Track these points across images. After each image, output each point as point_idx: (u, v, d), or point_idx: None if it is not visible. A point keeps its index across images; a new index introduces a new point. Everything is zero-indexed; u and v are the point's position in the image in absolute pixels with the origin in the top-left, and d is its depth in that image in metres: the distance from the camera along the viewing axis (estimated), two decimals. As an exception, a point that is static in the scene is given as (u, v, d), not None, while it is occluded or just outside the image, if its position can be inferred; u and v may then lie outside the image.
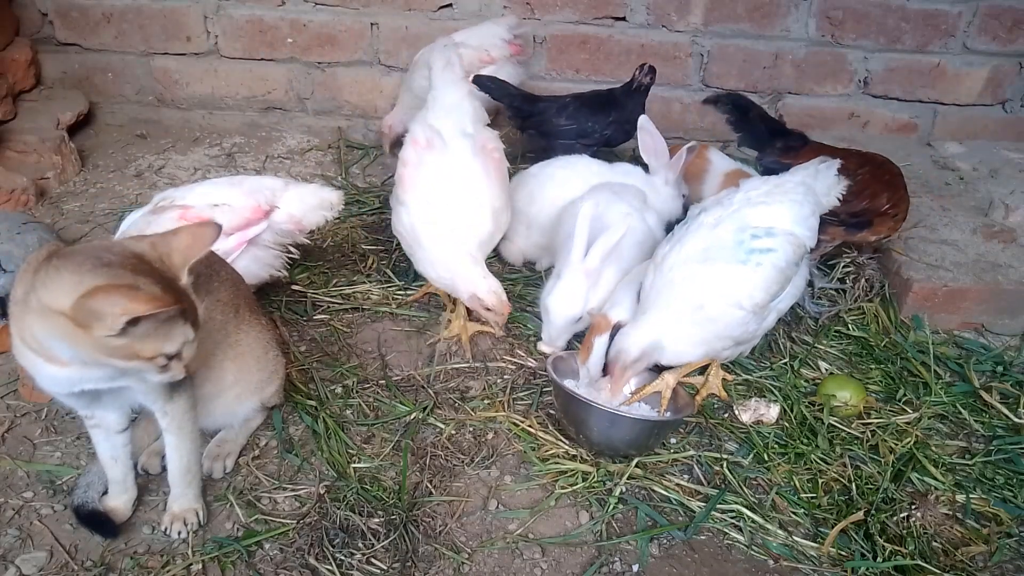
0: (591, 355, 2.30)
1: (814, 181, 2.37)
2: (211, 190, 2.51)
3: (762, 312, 2.25)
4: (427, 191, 2.47)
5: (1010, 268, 2.87)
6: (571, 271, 2.47)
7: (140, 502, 2.06)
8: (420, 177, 2.50)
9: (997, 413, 2.48)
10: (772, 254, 2.18)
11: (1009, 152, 3.70)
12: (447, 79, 2.65)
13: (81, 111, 3.78)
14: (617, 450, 2.26)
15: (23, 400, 2.36)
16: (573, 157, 3.05)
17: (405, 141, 2.62)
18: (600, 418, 2.21)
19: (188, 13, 3.82)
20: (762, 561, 2.02)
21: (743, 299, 2.17)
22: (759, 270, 2.17)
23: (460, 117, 2.59)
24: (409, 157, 2.55)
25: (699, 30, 3.76)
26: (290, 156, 3.84)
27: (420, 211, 2.47)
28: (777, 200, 2.26)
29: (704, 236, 2.22)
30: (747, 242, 2.18)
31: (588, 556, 2.01)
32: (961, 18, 3.69)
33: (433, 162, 2.50)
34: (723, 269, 2.17)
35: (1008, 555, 2.05)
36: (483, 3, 3.75)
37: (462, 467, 2.24)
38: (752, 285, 2.18)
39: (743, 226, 2.20)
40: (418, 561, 1.96)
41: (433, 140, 2.53)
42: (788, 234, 2.21)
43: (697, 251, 2.20)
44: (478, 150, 2.54)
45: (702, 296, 2.17)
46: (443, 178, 2.48)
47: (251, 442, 2.27)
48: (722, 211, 2.26)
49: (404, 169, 2.54)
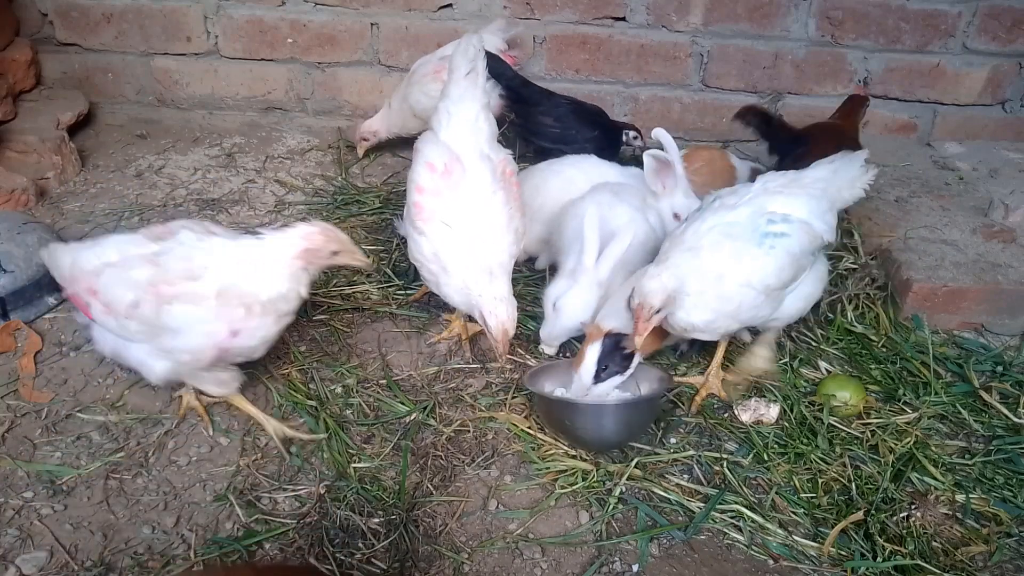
0: (584, 363, 2.30)
1: (833, 177, 2.37)
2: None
3: (774, 296, 2.26)
4: (448, 220, 2.35)
5: (1010, 268, 2.87)
6: (587, 277, 2.48)
7: (139, 502, 2.07)
8: (440, 206, 2.37)
9: (997, 413, 2.48)
10: (786, 239, 2.20)
11: (1009, 152, 3.70)
12: (467, 89, 2.46)
13: (81, 111, 3.78)
14: (607, 441, 2.27)
15: (23, 400, 2.36)
16: (582, 156, 3.06)
17: (417, 161, 2.46)
18: (584, 413, 2.23)
19: (188, 13, 3.82)
20: (762, 561, 2.02)
21: (754, 279, 2.19)
22: (772, 253, 2.19)
23: (478, 137, 2.44)
24: (425, 183, 2.40)
25: (699, 30, 3.76)
26: (290, 156, 3.84)
27: (442, 240, 2.35)
28: (795, 193, 2.28)
29: (724, 215, 2.25)
30: (763, 226, 2.20)
31: (588, 556, 2.01)
32: (961, 18, 3.69)
33: (452, 191, 2.37)
34: (742, 248, 2.19)
35: (1008, 555, 2.05)
36: (483, 3, 3.75)
37: (462, 467, 2.24)
38: (763, 267, 2.19)
39: (760, 211, 2.23)
40: (418, 561, 1.96)
41: (452, 166, 2.38)
42: (803, 223, 2.24)
43: (722, 223, 2.23)
44: (498, 176, 2.42)
45: (723, 267, 2.19)
46: (464, 207, 2.35)
47: (251, 442, 2.27)
48: (737, 199, 2.28)
49: (420, 196, 2.39)
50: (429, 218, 2.36)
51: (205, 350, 2.09)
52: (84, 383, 2.45)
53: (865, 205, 2.47)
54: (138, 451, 2.22)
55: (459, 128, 2.43)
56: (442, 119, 2.47)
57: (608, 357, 2.26)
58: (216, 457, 2.23)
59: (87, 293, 2.11)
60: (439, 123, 2.48)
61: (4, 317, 2.61)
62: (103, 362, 2.52)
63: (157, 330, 2.06)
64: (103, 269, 2.09)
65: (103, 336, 2.20)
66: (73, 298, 2.20)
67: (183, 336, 2.06)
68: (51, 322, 2.68)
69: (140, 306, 2.03)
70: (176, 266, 2.05)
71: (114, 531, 2.00)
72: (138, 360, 2.16)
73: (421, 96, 3.41)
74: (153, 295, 2.03)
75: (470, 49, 2.46)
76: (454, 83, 2.47)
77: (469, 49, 2.46)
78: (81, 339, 2.60)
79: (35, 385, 2.42)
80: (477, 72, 2.46)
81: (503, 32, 3.56)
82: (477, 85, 2.46)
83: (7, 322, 2.60)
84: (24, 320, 2.63)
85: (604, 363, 2.26)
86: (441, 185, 2.36)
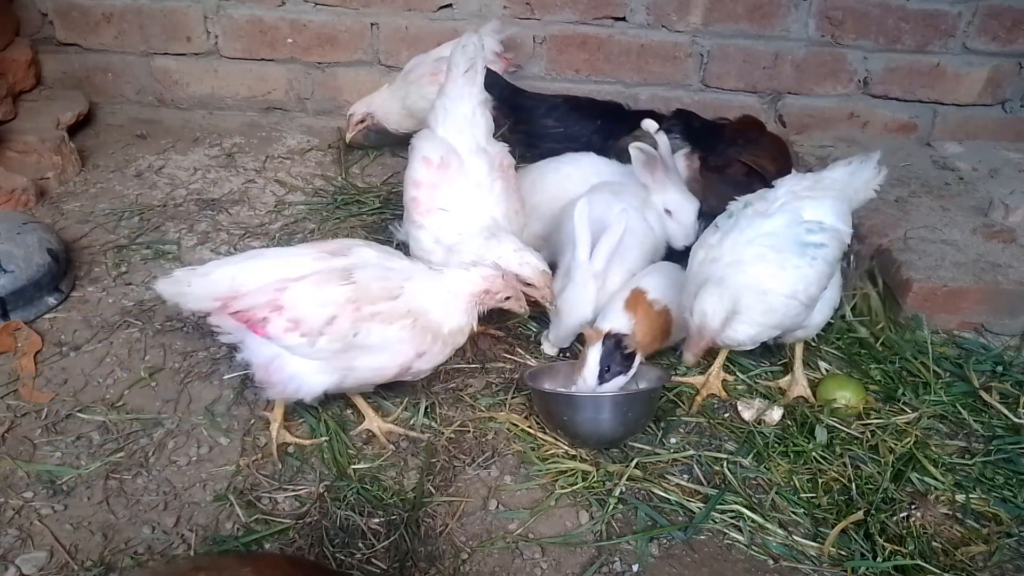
0: (587, 366, 2.30)
1: (850, 179, 2.38)
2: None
3: (813, 304, 2.28)
4: (446, 206, 2.37)
5: (1010, 268, 2.87)
6: (581, 274, 2.48)
7: (139, 502, 2.07)
8: (437, 199, 2.40)
9: (997, 413, 2.48)
10: (824, 249, 2.21)
11: (1009, 152, 3.70)
12: (465, 86, 2.49)
13: (81, 111, 3.78)
14: (605, 435, 2.27)
15: (23, 400, 2.36)
16: (581, 154, 3.05)
17: (413, 158, 2.49)
18: (582, 407, 2.24)
19: (188, 13, 3.82)
20: (762, 561, 2.02)
21: (800, 292, 2.19)
22: (815, 264, 2.20)
23: (475, 131, 2.48)
24: (422, 177, 2.44)
25: (699, 30, 3.76)
26: (290, 156, 3.84)
27: (441, 226, 2.38)
28: (820, 195, 2.28)
29: (760, 225, 2.23)
30: (803, 235, 2.21)
31: (588, 556, 2.01)
32: (961, 18, 3.69)
33: (449, 183, 2.40)
34: (785, 260, 2.18)
35: (1008, 555, 2.05)
36: (483, 3, 3.75)
37: (462, 467, 2.24)
38: (806, 278, 2.20)
39: (796, 218, 2.23)
40: (418, 561, 1.96)
41: (448, 159, 2.42)
42: (834, 230, 2.25)
43: (761, 235, 2.21)
44: (495, 167, 2.45)
45: (769, 283, 2.18)
46: (462, 195, 2.38)
47: (251, 442, 2.27)
48: (768, 205, 2.27)
49: (418, 191, 2.43)
50: (427, 210, 2.39)
51: (389, 369, 2.10)
52: (84, 383, 2.45)
53: (865, 205, 2.49)
54: (138, 451, 2.22)
55: (456, 123, 2.47)
56: (439, 116, 2.51)
57: (610, 358, 2.28)
58: (216, 457, 2.23)
59: (267, 309, 2.03)
60: (436, 120, 2.51)
61: (4, 317, 2.61)
62: (103, 362, 2.52)
63: (348, 347, 2.04)
64: (285, 284, 2.04)
65: (259, 350, 2.12)
66: (237, 316, 2.07)
67: (374, 354, 2.06)
68: (51, 322, 2.68)
69: (336, 323, 2.01)
70: (374, 285, 2.05)
71: (114, 531, 2.00)
72: (293, 374, 2.09)
73: (418, 98, 3.42)
74: (352, 312, 2.01)
75: (469, 47, 2.49)
76: (452, 81, 2.50)
77: (469, 47, 2.49)
78: (81, 339, 2.60)
79: (35, 385, 2.42)
80: (476, 70, 2.49)
81: (498, 33, 3.55)
82: (475, 83, 2.49)
83: (7, 322, 2.60)
84: (24, 320, 2.63)
85: (606, 364, 2.27)
86: (438, 178, 2.40)
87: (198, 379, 2.48)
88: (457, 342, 2.18)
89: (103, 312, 2.74)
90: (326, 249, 2.15)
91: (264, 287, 2.05)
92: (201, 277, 2.12)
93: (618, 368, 2.28)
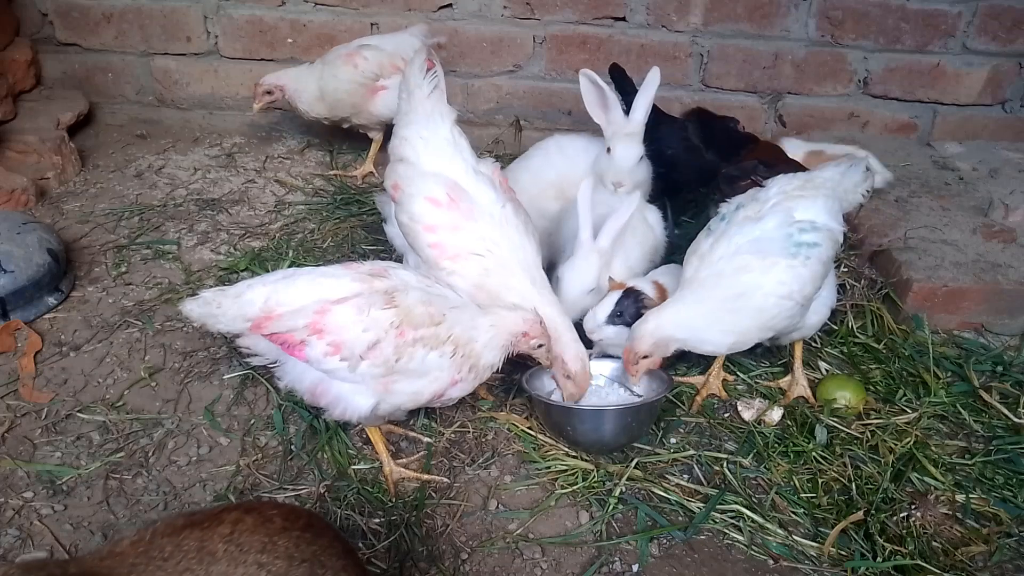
0: (602, 303, 2.38)
1: (841, 180, 2.38)
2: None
3: (808, 304, 2.28)
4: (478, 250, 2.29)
5: (1010, 268, 2.87)
6: (584, 249, 2.48)
7: (139, 502, 2.07)
8: (464, 240, 2.29)
9: (997, 413, 2.47)
10: (818, 248, 2.21)
11: (1009, 152, 3.71)
12: (434, 107, 2.39)
13: (81, 111, 3.78)
14: (606, 444, 2.28)
15: (23, 400, 2.36)
16: (551, 139, 3.01)
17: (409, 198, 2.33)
18: (583, 418, 2.24)
19: (188, 13, 3.82)
20: (762, 561, 2.02)
21: (795, 292, 2.20)
22: (808, 264, 2.20)
23: (462, 154, 2.40)
24: (434, 220, 2.30)
25: (699, 30, 3.76)
26: (290, 156, 3.84)
27: (480, 272, 2.28)
28: (811, 193, 2.29)
29: (750, 229, 2.24)
30: (795, 235, 2.21)
31: (588, 556, 2.01)
32: (961, 18, 3.69)
33: (469, 220, 2.30)
34: (776, 262, 2.19)
35: (1008, 555, 2.05)
36: (483, 3, 3.75)
37: (462, 467, 2.24)
38: (800, 278, 2.20)
39: (788, 219, 2.23)
40: (418, 561, 1.96)
41: (455, 195, 2.31)
42: (827, 228, 2.25)
43: (747, 242, 2.22)
44: (498, 188, 2.39)
45: (749, 285, 2.18)
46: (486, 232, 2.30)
47: (251, 442, 2.27)
48: (760, 206, 2.28)
49: (436, 236, 2.30)
50: (457, 254, 2.29)
51: (425, 394, 2.07)
52: (84, 383, 2.45)
53: (865, 205, 2.49)
54: (138, 451, 2.22)
55: (439, 151, 2.38)
56: (416, 147, 2.40)
57: (624, 304, 2.36)
58: (216, 457, 2.23)
59: (306, 332, 1.98)
60: (414, 152, 2.40)
61: (4, 317, 2.61)
62: (103, 362, 2.52)
63: (389, 371, 2.01)
64: (325, 307, 1.99)
65: (303, 374, 2.08)
66: (272, 337, 2.02)
67: (411, 380, 2.04)
68: (51, 322, 2.68)
69: (379, 347, 1.98)
70: (418, 309, 2.01)
71: (114, 531, 1.99)
72: (338, 395, 2.06)
73: (331, 78, 3.44)
74: (396, 337, 1.98)
75: (423, 71, 2.40)
76: (419, 102, 2.40)
77: (422, 72, 2.40)
78: (81, 339, 2.60)
79: (35, 385, 2.42)
80: (440, 89, 2.42)
81: (424, 36, 3.55)
82: (442, 101, 2.42)
83: (7, 322, 2.60)
84: (24, 320, 2.63)
85: (619, 310, 2.36)
86: (455, 218, 2.30)
87: (198, 379, 2.49)
88: (485, 376, 2.15)
89: (103, 312, 2.74)
90: (364, 270, 2.10)
91: (302, 308, 2.00)
92: (232, 299, 2.05)
93: (627, 318, 2.34)
